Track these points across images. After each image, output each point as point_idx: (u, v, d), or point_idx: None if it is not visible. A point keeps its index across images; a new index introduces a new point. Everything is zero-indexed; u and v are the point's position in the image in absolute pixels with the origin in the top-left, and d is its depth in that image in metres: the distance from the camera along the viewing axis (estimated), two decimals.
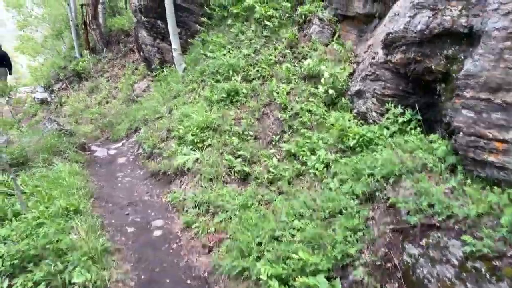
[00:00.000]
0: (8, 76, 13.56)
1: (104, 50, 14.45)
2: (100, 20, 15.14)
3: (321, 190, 4.18)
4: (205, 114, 5.95)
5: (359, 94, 5.40)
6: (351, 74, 5.88)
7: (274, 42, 6.97)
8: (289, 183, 4.49)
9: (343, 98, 5.53)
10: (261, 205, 4.26)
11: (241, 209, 4.17)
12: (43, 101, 13.47)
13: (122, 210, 4.84)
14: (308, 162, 4.58)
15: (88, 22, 14.22)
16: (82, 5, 14.17)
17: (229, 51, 7.26)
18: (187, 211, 4.65)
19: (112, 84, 12.92)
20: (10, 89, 14.48)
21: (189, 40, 9.10)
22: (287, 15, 7.33)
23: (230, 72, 6.65)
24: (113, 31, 15.60)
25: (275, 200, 4.25)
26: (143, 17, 10.31)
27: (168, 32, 8.94)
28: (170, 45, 9.53)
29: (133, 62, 13.66)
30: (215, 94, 6.39)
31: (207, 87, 6.80)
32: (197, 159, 5.33)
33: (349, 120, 4.92)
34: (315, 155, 4.62)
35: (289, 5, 7.34)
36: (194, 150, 5.48)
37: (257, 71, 6.59)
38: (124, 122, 9.68)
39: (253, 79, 6.52)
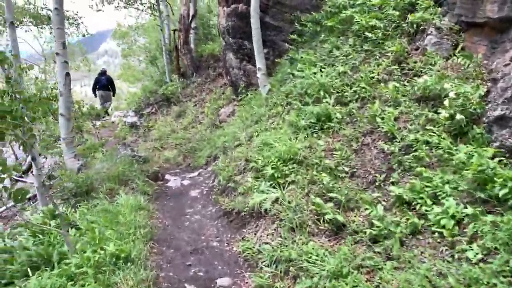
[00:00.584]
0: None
1: (194, 75, 14.68)
2: (192, 45, 15.54)
3: (453, 261, 2.89)
4: (289, 142, 5.04)
5: (503, 121, 3.98)
6: (486, 94, 4.48)
7: (377, 57, 5.84)
8: (401, 243, 3.27)
9: (476, 126, 4.15)
10: (361, 273, 3.11)
11: (332, 278, 3.07)
12: (132, 125, 13.99)
13: (184, 259, 4.08)
14: (430, 215, 3.32)
15: (179, 47, 14.62)
16: (174, 31, 14.68)
17: (320, 69, 6.32)
18: (261, 269, 3.69)
19: (199, 109, 12.87)
20: (105, 113, 15.51)
21: (276, 60, 8.43)
22: (393, 25, 6.17)
23: (321, 93, 5.68)
24: (204, 56, 15.90)
25: (381, 269, 3.07)
26: (230, 39, 10.01)
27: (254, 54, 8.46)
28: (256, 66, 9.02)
29: (221, 86, 13.56)
30: (302, 119, 5.46)
31: (293, 110, 5.92)
32: (277, 199, 4.39)
33: (490, 158, 3.54)
34: (440, 206, 3.35)
35: (396, 13, 6.19)
36: (273, 187, 4.56)
37: (355, 91, 5.51)
38: (205, 149, 9.29)
39: (350, 101, 5.44)
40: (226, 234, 4.65)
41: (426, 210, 3.40)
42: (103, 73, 15.64)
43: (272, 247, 3.79)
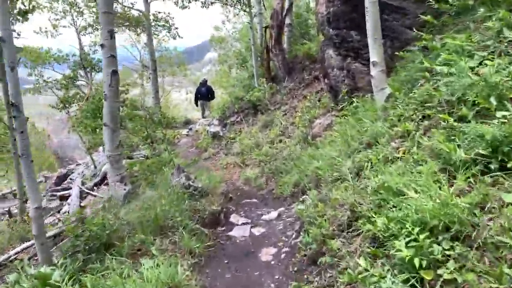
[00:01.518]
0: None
1: (285, 79, 12.83)
2: (285, 45, 13.74)
3: None
4: (439, 193, 2.74)
5: None
6: None
7: None
8: None
9: None
10: None
11: None
12: (215, 135, 12.64)
13: None
14: None
15: (270, 47, 12.92)
16: (266, 28, 13.02)
17: (481, 62, 3.87)
18: None
19: (289, 119, 10.95)
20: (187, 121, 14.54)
21: (396, 53, 6.04)
22: None
23: (492, 100, 3.26)
24: (298, 57, 13.97)
25: None
26: (331, 30, 7.90)
27: (364, 46, 6.24)
28: (365, 63, 6.77)
29: (317, 92, 11.47)
30: (459, 146, 3.11)
31: (437, 130, 3.56)
32: None
33: None
34: None
35: None
36: None
37: None
38: (292, 172, 7.32)
39: None
40: None
41: None
42: (204, 83, 16.00)
43: None
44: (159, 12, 17.70)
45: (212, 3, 14.29)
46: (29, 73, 12.02)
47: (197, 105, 16.06)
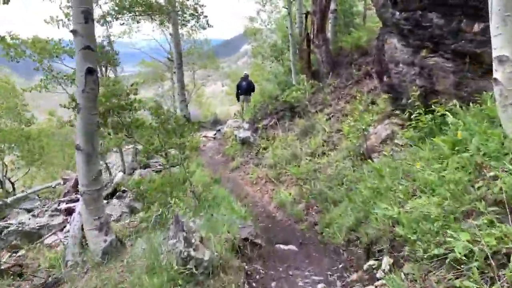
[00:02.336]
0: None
1: (329, 75, 10.92)
2: (329, 35, 11.81)
3: None
4: None
5: None
6: None
7: None
8: None
9: None
10: None
11: None
12: (244, 142, 10.95)
13: None
14: None
15: (312, 37, 11.04)
16: (306, 14, 11.14)
17: None
18: None
19: (334, 125, 9.06)
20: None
21: None
22: None
23: None
24: (344, 49, 12.00)
25: None
26: (397, 12, 5.97)
27: (450, 34, 4.34)
28: (451, 58, 4.88)
29: (369, 92, 9.53)
30: None
31: None
32: None
33: None
34: None
35: None
36: None
37: None
38: (344, 205, 5.52)
39: None
40: None
41: None
42: (245, 78, 14.76)
43: None
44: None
45: None
46: (35, 68, 10.79)
47: (238, 100, 14.70)
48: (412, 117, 5.85)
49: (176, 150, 7.10)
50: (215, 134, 14.75)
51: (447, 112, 5.02)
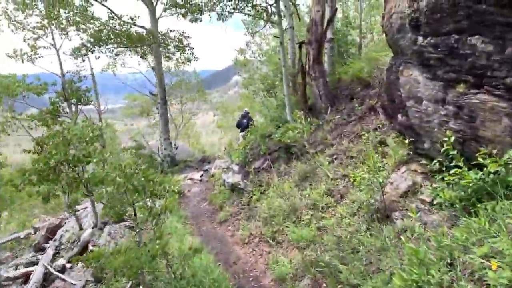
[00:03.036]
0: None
1: (329, 110, 9.72)
2: (325, 66, 10.69)
3: None
4: None
5: None
6: None
7: None
8: None
9: None
10: None
11: None
12: (233, 188, 9.56)
13: None
14: None
15: (307, 68, 9.90)
16: (300, 44, 10.04)
17: None
18: None
19: (339, 169, 7.76)
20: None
21: None
22: None
23: None
24: (343, 81, 10.88)
25: None
26: (422, 39, 4.80)
27: (503, 64, 3.16)
28: (505, 95, 3.67)
29: (375, 129, 8.31)
30: None
31: None
32: None
33: None
34: None
35: None
36: None
37: None
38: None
39: None
40: None
41: None
42: (245, 115, 14.23)
43: None
44: (171, 31, 15.09)
45: (229, 13, 11.43)
46: None
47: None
48: (442, 167, 4.59)
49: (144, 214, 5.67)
50: (201, 175, 13.33)
51: (502, 169, 3.77)
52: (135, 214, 5.97)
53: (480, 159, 3.94)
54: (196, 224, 9.05)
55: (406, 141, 5.95)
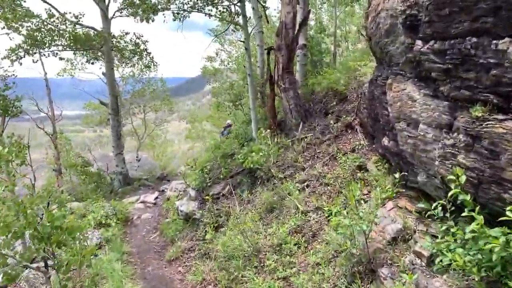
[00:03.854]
0: None
1: (300, 127, 8.50)
2: (297, 76, 9.54)
3: None
4: None
5: None
6: None
7: None
8: None
9: None
10: None
11: None
12: (188, 217, 8.18)
13: None
14: None
15: (276, 78, 8.71)
16: (268, 49, 8.85)
17: None
18: None
19: (311, 200, 6.52)
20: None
21: None
22: None
23: None
24: (317, 93, 9.74)
25: None
26: (421, 43, 3.65)
27: None
28: None
29: (353, 151, 7.18)
30: None
31: None
32: None
33: None
34: None
35: None
36: None
37: None
38: None
39: None
40: None
41: None
42: (227, 126, 13.16)
43: None
44: (127, 33, 13.58)
45: (185, 11, 10.03)
46: None
47: None
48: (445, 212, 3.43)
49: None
50: (156, 197, 11.83)
51: None
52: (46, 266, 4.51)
53: (509, 214, 2.78)
54: (141, 262, 7.57)
55: (395, 172, 4.77)
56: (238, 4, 9.36)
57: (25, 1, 10.36)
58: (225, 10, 10.17)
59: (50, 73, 17.66)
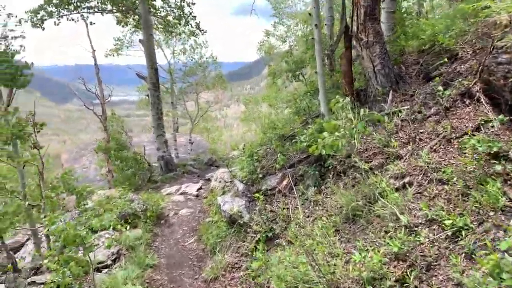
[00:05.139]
0: None
1: (390, 97, 6.05)
2: (383, 27, 7.04)
3: None
4: None
5: None
6: None
7: None
8: None
9: None
10: None
11: None
12: (233, 220, 6.13)
13: None
14: None
15: (355, 29, 6.31)
16: None
17: None
18: None
19: (420, 209, 4.13)
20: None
21: None
22: None
23: None
24: (411, 52, 7.14)
25: None
26: None
27: None
28: None
29: (478, 130, 4.67)
30: None
31: None
32: None
33: None
34: None
35: None
36: None
37: None
38: None
39: None
40: None
41: None
42: None
43: None
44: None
45: None
46: None
47: None
48: None
49: None
50: (200, 188, 9.95)
51: None
52: None
53: None
54: (169, 282, 5.65)
55: None
56: None
57: None
58: None
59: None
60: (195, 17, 11.96)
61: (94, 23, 11.50)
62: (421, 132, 5.47)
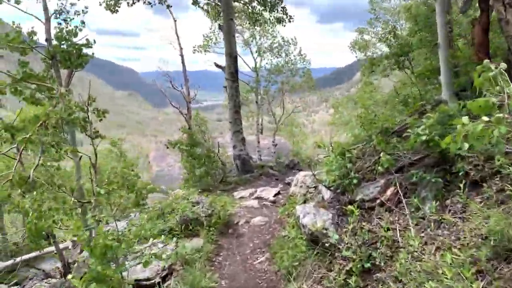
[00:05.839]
0: None
1: None
2: None
3: None
4: None
5: None
6: None
7: None
8: None
9: None
10: None
11: None
12: (315, 239, 4.66)
13: None
14: None
15: None
16: None
17: None
18: None
19: None
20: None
21: None
22: None
23: None
24: None
25: None
26: None
27: None
28: None
29: None
30: None
31: None
32: None
33: None
34: None
35: None
36: None
37: None
38: None
39: None
40: None
41: None
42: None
43: None
44: None
45: None
46: None
47: None
48: None
49: None
50: (277, 193, 8.62)
51: None
52: None
53: None
54: None
55: None
56: None
57: None
58: None
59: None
60: (281, 0, 10.79)
61: (170, 6, 10.91)
62: None
